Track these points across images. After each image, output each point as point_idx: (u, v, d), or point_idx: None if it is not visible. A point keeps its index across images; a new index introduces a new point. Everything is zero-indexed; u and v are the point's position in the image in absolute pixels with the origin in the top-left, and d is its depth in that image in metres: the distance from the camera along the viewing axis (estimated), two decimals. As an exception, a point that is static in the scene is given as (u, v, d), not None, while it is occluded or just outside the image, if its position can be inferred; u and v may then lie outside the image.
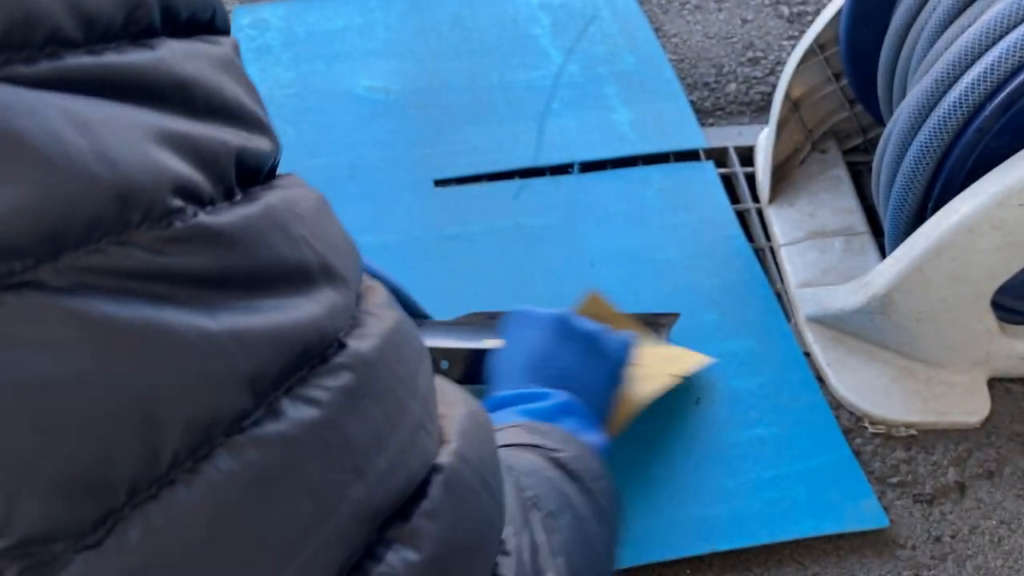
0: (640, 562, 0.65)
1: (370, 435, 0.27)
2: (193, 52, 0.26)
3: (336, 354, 0.27)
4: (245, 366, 0.24)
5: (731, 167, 1.00)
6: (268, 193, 0.27)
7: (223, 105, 0.26)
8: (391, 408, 0.28)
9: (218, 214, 0.24)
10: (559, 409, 0.55)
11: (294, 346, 0.25)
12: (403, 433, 0.29)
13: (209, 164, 0.25)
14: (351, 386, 0.27)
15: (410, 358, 0.31)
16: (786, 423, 0.74)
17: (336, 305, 0.27)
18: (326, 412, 0.26)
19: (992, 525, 0.70)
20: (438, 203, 0.93)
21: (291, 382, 0.25)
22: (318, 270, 0.27)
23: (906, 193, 0.71)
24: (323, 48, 1.11)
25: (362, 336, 0.28)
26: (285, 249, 0.26)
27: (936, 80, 0.67)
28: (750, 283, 0.86)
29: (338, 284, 0.28)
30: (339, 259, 0.29)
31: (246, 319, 0.24)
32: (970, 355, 0.77)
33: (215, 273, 0.24)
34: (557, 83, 1.07)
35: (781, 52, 1.15)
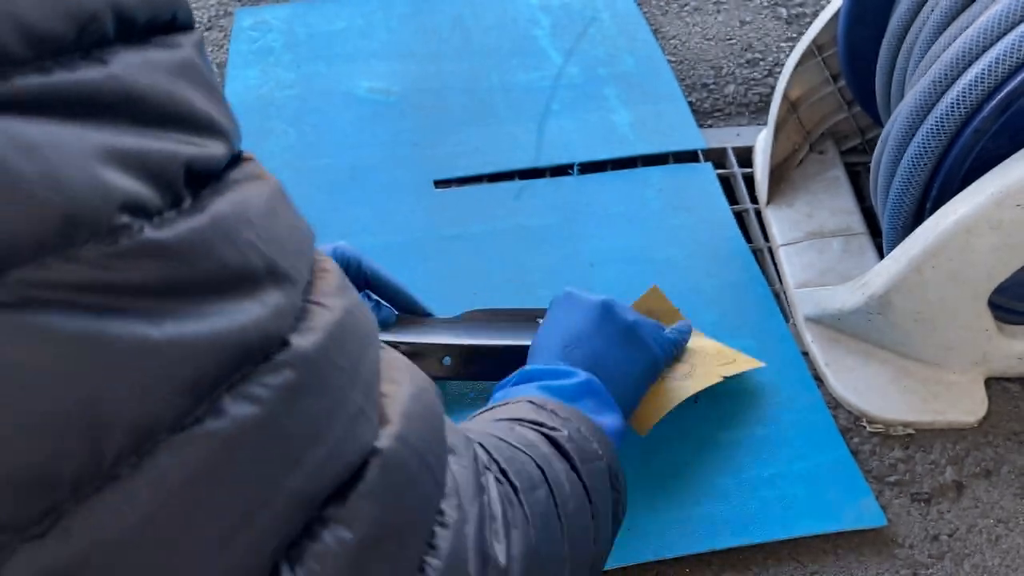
0: (639, 561, 0.66)
1: (309, 428, 0.28)
2: (148, 62, 0.26)
3: (279, 352, 0.28)
4: (187, 371, 0.25)
5: (730, 168, 1.01)
6: (218, 199, 0.27)
7: (175, 114, 0.27)
8: (331, 400, 0.29)
9: (164, 227, 0.25)
10: (579, 388, 0.56)
11: (237, 348, 0.26)
12: (342, 422, 0.30)
13: (157, 176, 0.25)
14: (292, 383, 0.28)
15: (354, 347, 0.31)
16: (784, 422, 0.75)
17: (281, 305, 0.28)
18: (266, 409, 0.27)
19: (990, 524, 0.71)
20: (438, 204, 0.93)
21: (233, 380, 0.26)
22: (264, 273, 0.28)
23: (904, 194, 0.71)
24: (324, 49, 1.12)
25: (306, 331, 0.29)
26: (231, 256, 0.27)
27: (934, 81, 0.68)
28: (749, 283, 0.86)
29: (284, 284, 0.29)
30: (287, 257, 0.29)
31: (189, 326, 0.25)
32: (968, 355, 0.77)
33: (160, 284, 0.24)
34: (557, 84, 1.08)
35: (779, 53, 1.16)
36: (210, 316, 0.26)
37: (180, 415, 0.25)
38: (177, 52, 0.28)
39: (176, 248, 0.25)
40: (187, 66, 0.28)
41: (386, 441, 0.31)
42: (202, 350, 0.25)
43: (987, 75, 0.63)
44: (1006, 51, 0.63)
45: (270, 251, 0.28)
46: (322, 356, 0.29)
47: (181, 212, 0.26)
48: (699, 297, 0.84)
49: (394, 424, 0.32)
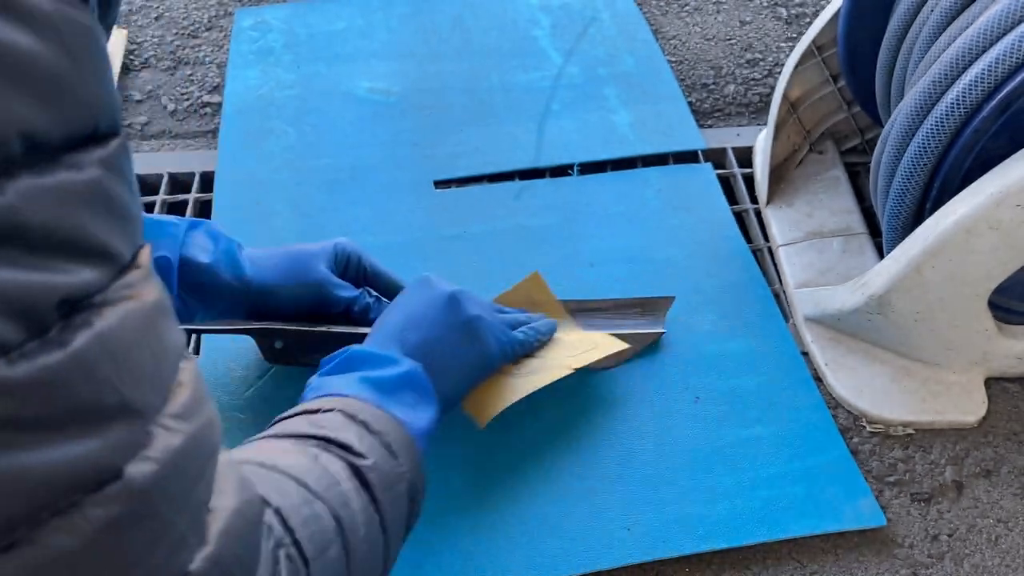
0: (639, 560, 0.66)
1: (124, 560, 0.28)
2: (48, 189, 0.25)
3: (110, 483, 0.27)
4: (6, 505, 0.25)
5: (730, 168, 1.01)
6: (81, 332, 0.26)
7: (63, 243, 0.26)
8: (154, 531, 0.29)
9: (17, 364, 0.24)
10: (400, 380, 0.57)
11: (66, 481, 0.26)
12: (161, 551, 0.30)
13: (26, 312, 0.25)
14: (116, 517, 0.27)
15: (192, 472, 0.31)
16: (784, 422, 0.75)
17: (122, 440, 0.28)
18: (84, 541, 0.26)
19: (989, 524, 0.71)
20: (438, 204, 0.93)
21: (60, 507, 0.26)
22: (115, 408, 0.27)
23: (904, 194, 0.71)
24: (324, 50, 1.12)
25: (143, 460, 0.28)
26: (83, 394, 0.26)
27: (934, 81, 0.68)
28: (748, 283, 0.86)
29: (132, 418, 0.28)
30: (143, 390, 0.29)
31: (21, 459, 0.24)
32: (968, 355, 0.77)
33: (2, 419, 0.24)
34: (557, 84, 1.08)
35: (779, 54, 1.16)
36: (46, 450, 0.25)
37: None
38: (83, 174, 0.27)
39: (26, 386, 0.24)
40: (92, 190, 0.27)
41: (199, 563, 0.31)
42: (29, 484, 0.25)
43: (987, 75, 0.63)
44: (1006, 51, 0.63)
45: (126, 387, 0.28)
46: (154, 487, 0.29)
47: (43, 343, 0.25)
48: (699, 297, 0.84)
49: (210, 545, 0.32)
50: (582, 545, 0.66)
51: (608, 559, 0.66)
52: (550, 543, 0.66)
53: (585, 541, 0.66)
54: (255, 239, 0.87)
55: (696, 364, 0.78)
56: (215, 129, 1.04)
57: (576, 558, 0.65)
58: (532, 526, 0.67)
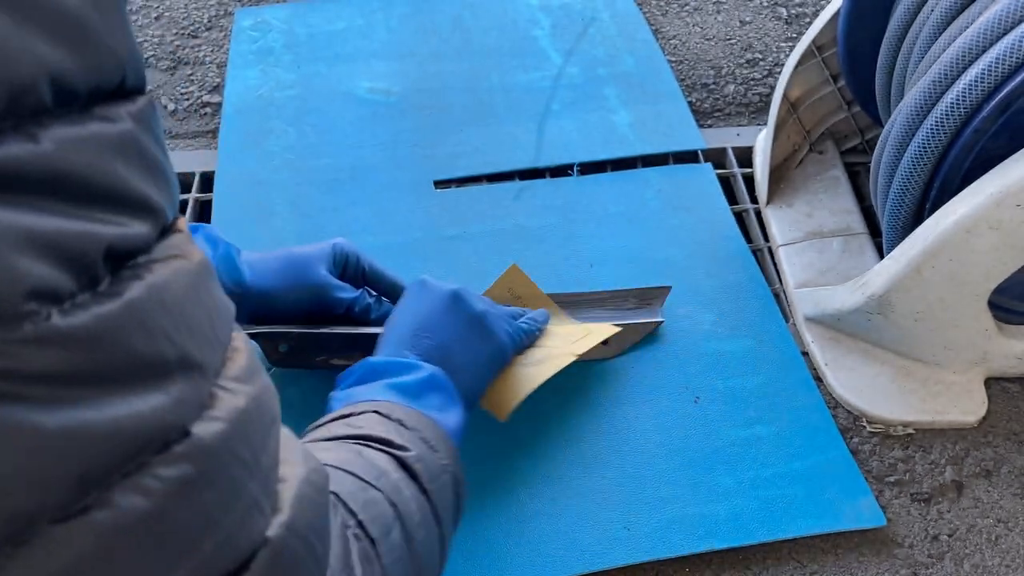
0: (639, 560, 0.66)
1: (200, 522, 0.28)
2: (83, 138, 0.25)
3: (178, 442, 0.27)
4: (77, 462, 0.24)
5: (730, 168, 1.01)
6: (134, 284, 0.26)
7: (104, 194, 0.26)
8: (227, 492, 0.29)
9: (73, 314, 0.24)
10: (425, 384, 0.57)
11: (134, 439, 0.26)
12: (236, 514, 0.29)
13: (75, 260, 0.24)
14: (188, 476, 0.27)
15: (257, 435, 0.31)
16: (784, 422, 0.75)
17: (186, 396, 0.27)
18: (158, 501, 0.26)
19: (989, 524, 0.71)
20: (438, 204, 0.93)
21: (128, 469, 0.26)
22: (174, 362, 0.27)
23: (904, 194, 0.71)
24: (324, 50, 1.12)
25: (210, 420, 0.28)
26: (141, 345, 0.26)
27: (934, 81, 0.68)
28: (748, 283, 0.86)
29: (193, 372, 0.28)
30: (200, 345, 0.28)
31: (86, 415, 0.24)
32: (968, 355, 0.77)
33: (60, 372, 0.24)
34: (557, 84, 1.08)
35: (779, 53, 1.16)
36: (109, 405, 0.25)
37: (64, 505, 0.24)
38: (116, 126, 0.27)
39: (82, 337, 0.24)
40: (125, 141, 0.27)
41: (276, 530, 0.31)
42: (96, 440, 0.25)
43: (987, 75, 0.63)
44: (1006, 51, 0.63)
45: (183, 339, 0.27)
46: (223, 447, 0.28)
47: (96, 295, 0.25)
48: (699, 297, 0.84)
49: (284, 512, 0.32)
50: (582, 545, 0.66)
51: (608, 559, 0.66)
52: (550, 543, 0.66)
53: (585, 541, 0.66)
54: (255, 239, 0.87)
55: (696, 364, 0.78)
56: (215, 129, 1.04)
57: (576, 558, 0.65)
58: (532, 526, 0.67)
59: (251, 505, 0.30)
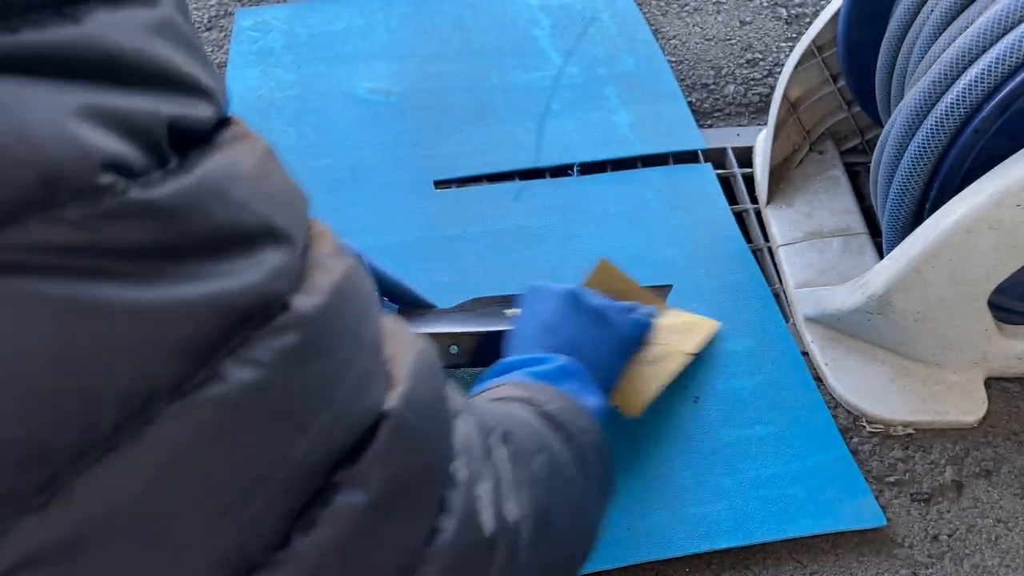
0: (639, 560, 0.66)
1: (314, 392, 0.28)
2: (125, 20, 0.25)
3: (280, 314, 0.27)
4: (183, 334, 0.24)
5: (730, 168, 1.01)
6: (206, 159, 0.26)
7: (155, 73, 0.25)
8: (336, 363, 0.29)
9: (150, 187, 0.24)
10: (560, 372, 0.58)
11: (235, 311, 0.25)
12: (348, 386, 0.29)
13: (140, 135, 0.24)
14: (295, 346, 0.27)
15: (356, 309, 0.31)
16: (784, 422, 0.75)
17: (279, 266, 0.27)
18: (269, 373, 0.26)
19: (989, 524, 0.71)
20: (438, 204, 0.93)
21: (234, 344, 0.25)
22: (259, 232, 0.27)
23: (904, 194, 0.71)
24: (324, 50, 1.12)
25: (308, 292, 0.28)
26: (223, 216, 0.26)
27: (934, 81, 0.68)
28: (748, 283, 0.86)
29: (281, 243, 0.28)
30: (283, 216, 0.28)
31: (184, 288, 0.24)
32: (967, 355, 0.77)
33: (149, 245, 0.24)
34: (557, 84, 1.08)
35: (779, 53, 1.16)
36: (204, 278, 0.25)
37: (179, 381, 0.24)
38: (155, 10, 0.26)
39: (164, 208, 0.24)
40: (167, 25, 0.27)
41: (395, 402, 0.31)
42: (198, 313, 0.24)
43: (987, 75, 0.63)
44: (1006, 51, 0.63)
45: (264, 210, 0.27)
46: (324, 318, 0.28)
47: (168, 173, 0.25)
48: (699, 297, 0.84)
49: (401, 385, 0.31)
50: (582, 545, 0.66)
51: (608, 559, 0.66)
52: (550, 543, 0.66)
53: (585, 541, 0.66)
54: (255, 239, 0.87)
55: (696, 364, 0.78)
56: (215, 129, 1.04)
57: (576, 558, 0.65)
58: (532, 526, 0.67)
59: (362, 377, 0.30)
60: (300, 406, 0.27)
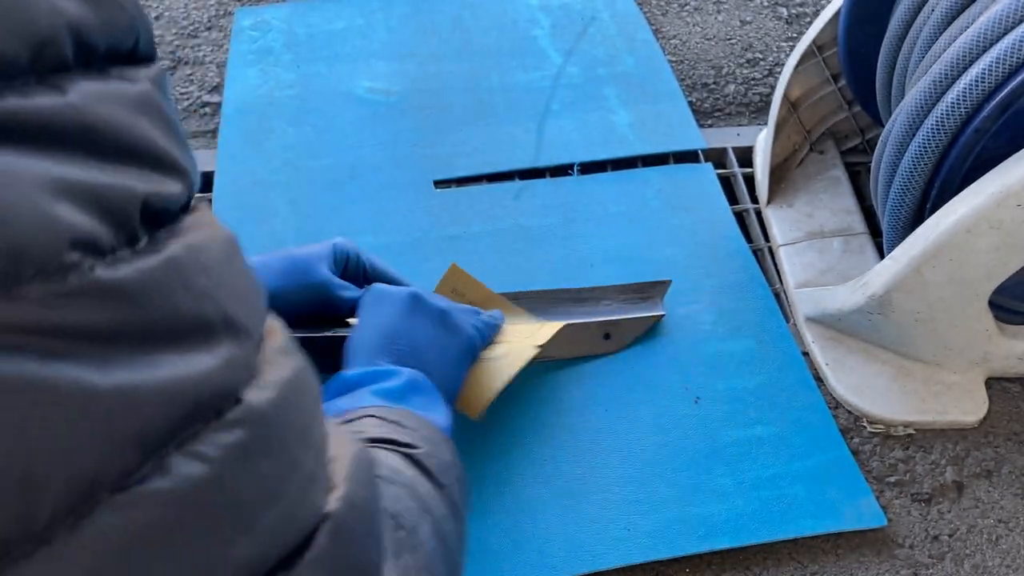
0: (638, 561, 0.66)
1: (260, 491, 0.27)
2: (107, 93, 0.25)
3: (231, 409, 0.26)
4: (134, 424, 0.23)
5: (730, 168, 1.01)
6: (173, 242, 0.26)
7: (133, 149, 0.25)
8: (284, 462, 0.28)
9: (116, 267, 0.23)
10: (407, 388, 0.56)
11: (187, 402, 0.25)
12: (294, 486, 0.29)
13: (112, 213, 0.24)
14: (243, 442, 0.26)
15: (305, 408, 0.31)
16: (785, 422, 0.75)
17: (235, 359, 0.27)
18: (216, 469, 0.25)
19: (990, 524, 0.71)
20: (438, 204, 0.93)
21: (182, 437, 0.25)
22: (219, 323, 0.27)
23: (904, 193, 0.71)
24: (324, 49, 1.12)
25: (259, 387, 0.28)
26: (185, 303, 0.25)
27: (934, 81, 0.68)
28: (749, 283, 0.86)
29: (239, 336, 0.27)
30: (242, 309, 0.28)
31: (138, 375, 0.24)
32: (968, 355, 0.77)
33: (109, 328, 0.23)
34: (557, 84, 1.08)
35: (780, 53, 1.16)
36: (161, 366, 0.24)
37: (124, 473, 0.23)
38: (136, 86, 0.26)
39: (128, 289, 0.24)
40: (146, 101, 0.26)
41: (335, 504, 0.30)
42: (151, 402, 0.24)
43: (987, 75, 0.63)
44: (1006, 51, 0.63)
45: (225, 301, 0.27)
46: (275, 415, 0.28)
47: (136, 252, 0.24)
48: (699, 297, 0.84)
49: (341, 488, 0.31)
50: (582, 545, 0.66)
51: (608, 559, 0.66)
52: (550, 544, 0.66)
53: (585, 541, 0.66)
54: (255, 239, 0.86)
55: (696, 364, 0.78)
56: (215, 129, 1.04)
57: (576, 558, 0.65)
58: (532, 527, 0.67)
59: (308, 477, 0.30)
60: (246, 506, 0.26)
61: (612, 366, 0.78)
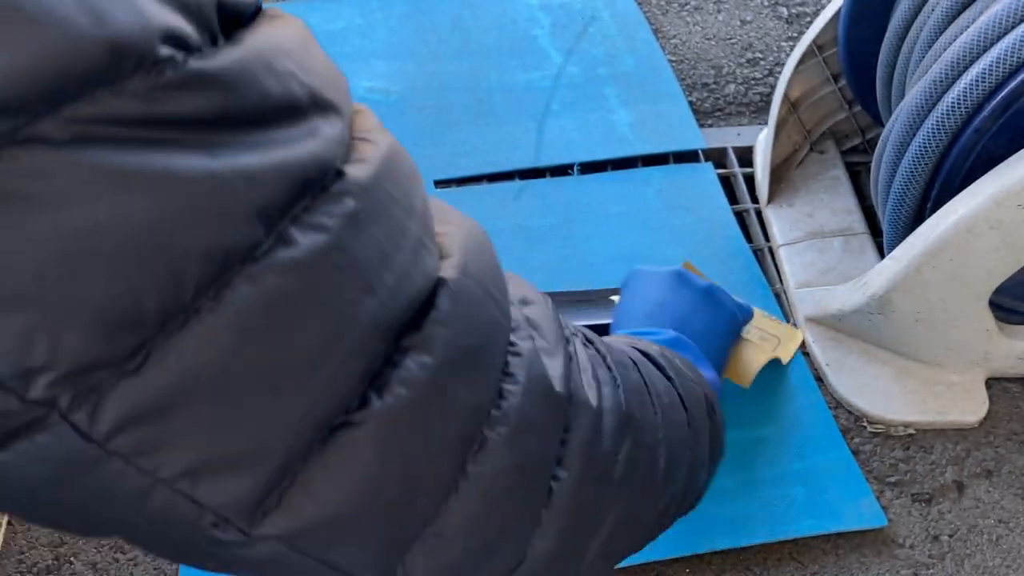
0: (639, 561, 0.65)
1: (376, 255, 0.29)
2: None
3: (335, 182, 0.28)
4: (251, 199, 0.25)
5: (730, 168, 1.01)
6: (251, 35, 0.27)
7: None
8: (392, 229, 0.30)
9: (206, 59, 0.25)
10: (673, 342, 0.57)
11: (296, 177, 0.26)
12: (406, 251, 0.30)
13: (194, 12, 0.25)
14: (353, 211, 0.28)
15: (404, 180, 0.32)
16: (785, 423, 0.74)
17: (330, 135, 0.28)
18: (333, 237, 0.27)
19: (990, 524, 0.71)
20: (438, 204, 0.93)
21: (296, 211, 0.27)
22: (308, 103, 0.28)
23: (904, 193, 0.71)
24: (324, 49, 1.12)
25: (358, 162, 0.29)
26: (275, 86, 0.27)
27: (934, 81, 0.68)
28: (749, 283, 0.86)
29: (329, 114, 0.29)
30: (328, 89, 0.29)
31: (246, 156, 0.25)
32: (968, 355, 0.77)
33: (209, 115, 0.24)
34: (557, 84, 1.08)
35: (780, 53, 1.16)
36: (264, 146, 0.26)
37: (251, 245, 0.25)
38: None
39: (221, 78, 0.25)
40: None
41: (450, 271, 0.32)
42: (263, 178, 0.25)
43: (988, 75, 0.63)
44: (1006, 51, 0.63)
45: (311, 81, 0.28)
46: (377, 186, 0.29)
47: (219, 48, 0.26)
48: (699, 297, 0.84)
49: (455, 256, 0.33)
50: (582, 546, 0.66)
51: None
52: (550, 544, 0.66)
53: (585, 542, 0.66)
54: (255, 239, 0.87)
55: (696, 364, 0.78)
56: (215, 129, 1.04)
57: (576, 559, 0.65)
58: (532, 527, 0.67)
59: (417, 243, 0.31)
60: (366, 267, 0.28)
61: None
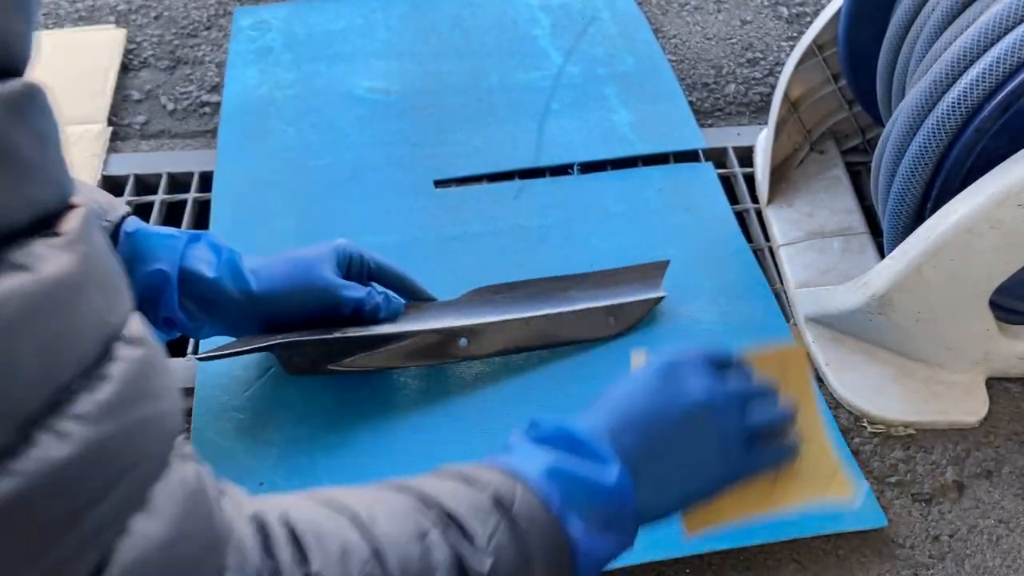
0: (639, 561, 0.65)
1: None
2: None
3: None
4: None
5: (730, 168, 1.01)
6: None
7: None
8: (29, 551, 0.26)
9: None
10: (599, 491, 0.45)
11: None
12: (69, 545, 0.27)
13: None
14: None
15: (93, 486, 0.28)
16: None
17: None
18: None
19: (990, 524, 0.71)
20: (438, 204, 0.93)
21: None
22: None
23: (905, 193, 0.71)
24: (324, 49, 1.12)
25: (7, 475, 0.25)
26: None
27: (935, 81, 0.68)
28: (749, 283, 0.86)
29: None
30: (13, 389, 0.25)
31: None
32: (969, 355, 0.77)
33: None
34: (557, 84, 1.08)
35: (780, 53, 1.16)
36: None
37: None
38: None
39: None
40: None
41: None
42: None
43: (988, 75, 0.63)
44: (1007, 51, 0.63)
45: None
46: (18, 507, 0.25)
47: None
48: (699, 297, 0.84)
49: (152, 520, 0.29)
50: (582, 546, 0.66)
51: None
52: (550, 544, 0.66)
53: (585, 542, 0.66)
54: (254, 239, 0.86)
55: (696, 364, 0.78)
56: (214, 129, 1.04)
57: (576, 559, 0.65)
58: (532, 527, 0.67)
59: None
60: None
61: (612, 365, 0.78)
